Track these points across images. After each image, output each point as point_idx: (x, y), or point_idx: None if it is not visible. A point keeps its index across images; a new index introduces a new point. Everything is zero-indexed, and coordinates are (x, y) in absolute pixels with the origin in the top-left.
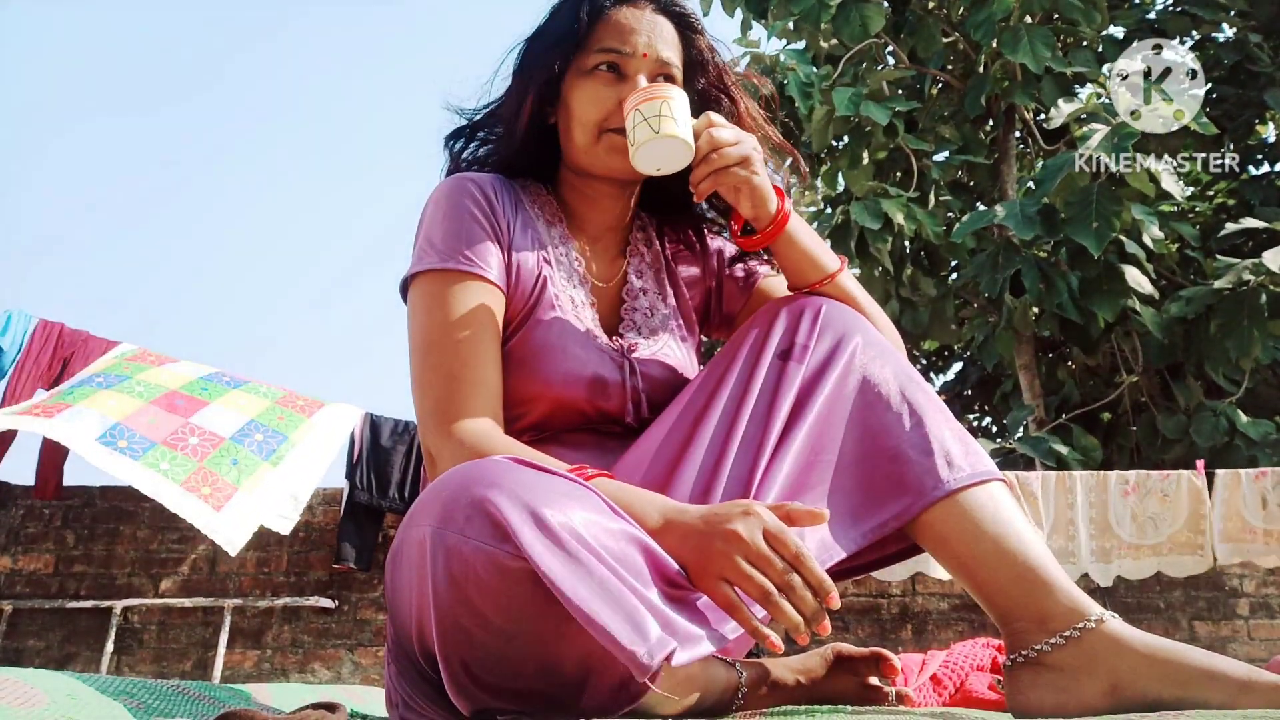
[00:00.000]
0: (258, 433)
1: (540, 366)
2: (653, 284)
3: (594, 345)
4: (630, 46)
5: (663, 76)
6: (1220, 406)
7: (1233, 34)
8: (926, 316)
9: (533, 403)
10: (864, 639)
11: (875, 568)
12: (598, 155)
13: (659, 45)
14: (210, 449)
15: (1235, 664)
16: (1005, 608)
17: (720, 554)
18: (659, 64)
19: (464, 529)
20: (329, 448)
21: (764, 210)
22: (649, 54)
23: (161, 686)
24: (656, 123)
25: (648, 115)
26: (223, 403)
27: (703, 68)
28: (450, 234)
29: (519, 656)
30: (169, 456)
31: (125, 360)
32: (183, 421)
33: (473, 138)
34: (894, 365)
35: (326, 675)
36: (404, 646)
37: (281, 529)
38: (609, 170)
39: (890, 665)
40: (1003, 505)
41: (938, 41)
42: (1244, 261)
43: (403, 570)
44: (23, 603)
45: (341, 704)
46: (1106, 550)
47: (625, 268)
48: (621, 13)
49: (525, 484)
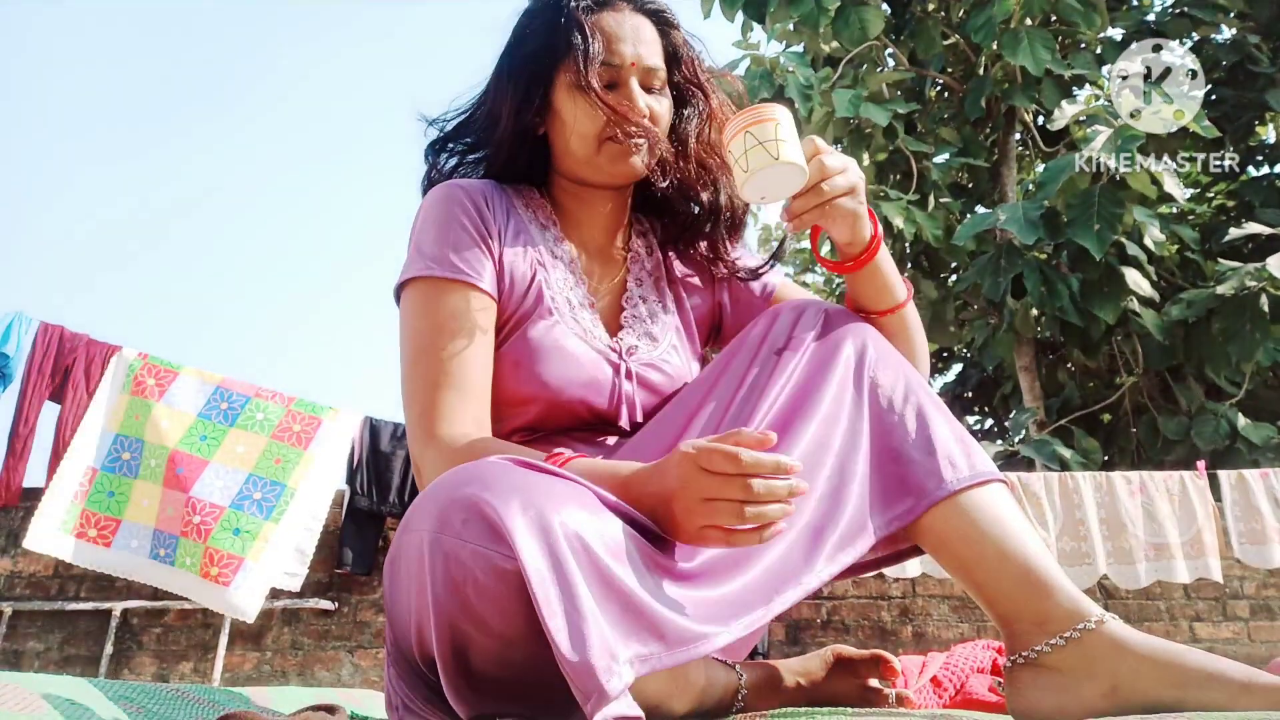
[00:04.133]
0: (256, 490)
1: (535, 367)
2: (653, 290)
3: (592, 346)
4: (618, 57)
5: (654, 83)
6: (1221, 409)
7: (1232, 35)
8: (926, 319)
9: (527, 404)
10: (864, 641)
11: (874, 569)
12: (599, 165)
13: (644, 52)
14: (212, 524)
15: (1235, 665)
16: (1005, 609)
17: (683, 512)
18: (646, 72)
19: (461, 532)
20: (328, 480)
21: (860, 238)
22: (636, 63)
23: (161, 690)
24: (775, 148)
25: (762, 139)
26: (222, 455)
27: (679, 62)
28: (439, 241)
29: (517, 660)
30: (189, 549)
31: (129, 394)
32: (185, 498)
33: (454, 149)
34: (898, 368)
35: (326, 678)
36: (403, 651)
37: (291, 587)
38: (611, 178)
39: (890, 667)
40: (1004, 507)
41: (937, 44)
42: (1247, 266)
43: (401, 576)
44: (22, 605)
45: (341, 706)
46: (1126, 551)
47: (625, 273)
48: (603, 20)
49: (519, 484)
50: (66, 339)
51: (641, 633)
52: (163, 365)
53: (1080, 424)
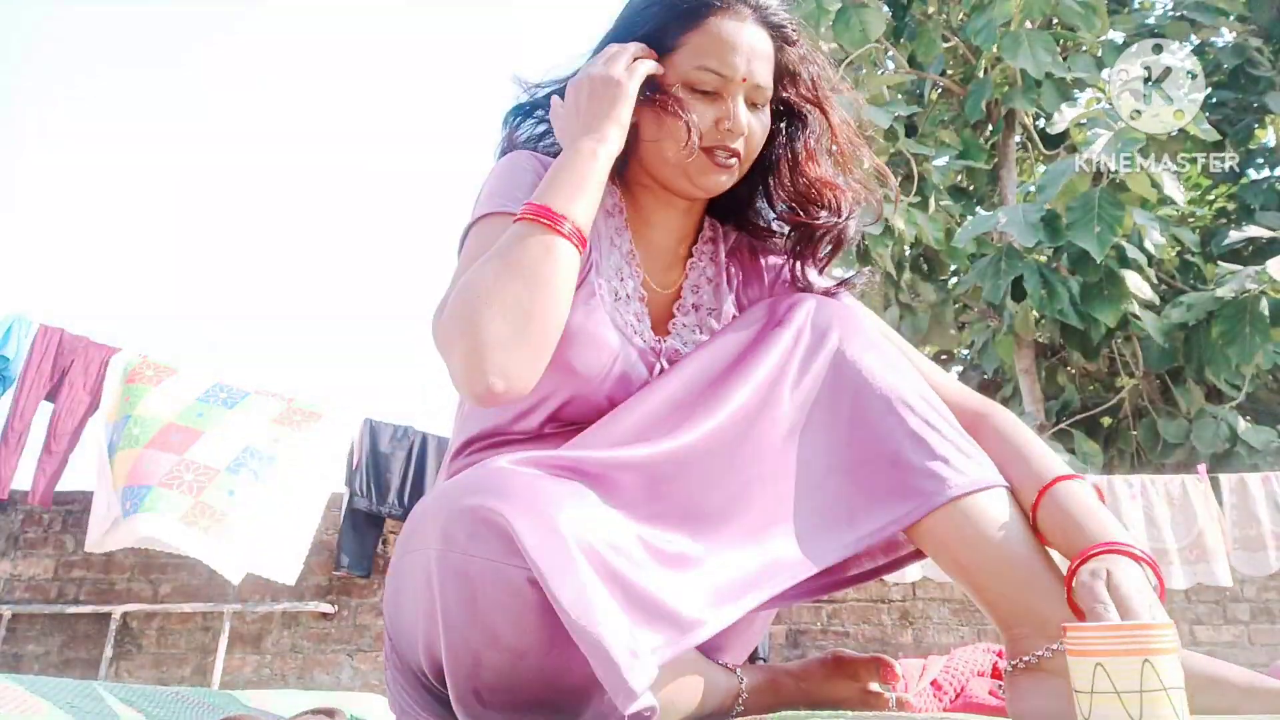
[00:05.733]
0: (253, 460)
1: (567, 351)
2: (709, 299)
3: (631, 342)
4: (729, 69)
5: (758, 100)
6: (1221, 412)
7: (1232, 38)
8: (926, 322)
9: (552, 390)
10: (864, 644)
11: (877, 574)
12: (685, 171)
13: (756, 68)
14: (206, 482)
15: (1236, 669)
16: (1006, 613)
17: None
18: (755, 90)
19: (467, 547)
20: (324, 475)
21: None
22: (748, 79)
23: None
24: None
25: (1121, 688)
26: (218, 430)
27: (792, 78)
28: (499, 191)
29: (528, 673)
30: (164, 496)
31: (125, 382)
32: (177, 459)
33: (540, 118)
34: (896, 369)
35: (326, 681)
36: (405, 660)
37: (287, 580)
38: (693, 189)
39: (890, 670)
40: (1004, 511)
41: (937, 46)
42: (1247, 269)
43: (406, 594)
44: (22, 608)
45: (341, 710)
46: None
47: (683, 278)
48: (724, 25)
49: (519, 489)
50: (66, 341)
51: (654, 623)
52: (162, 364)
53: (1080, 427)
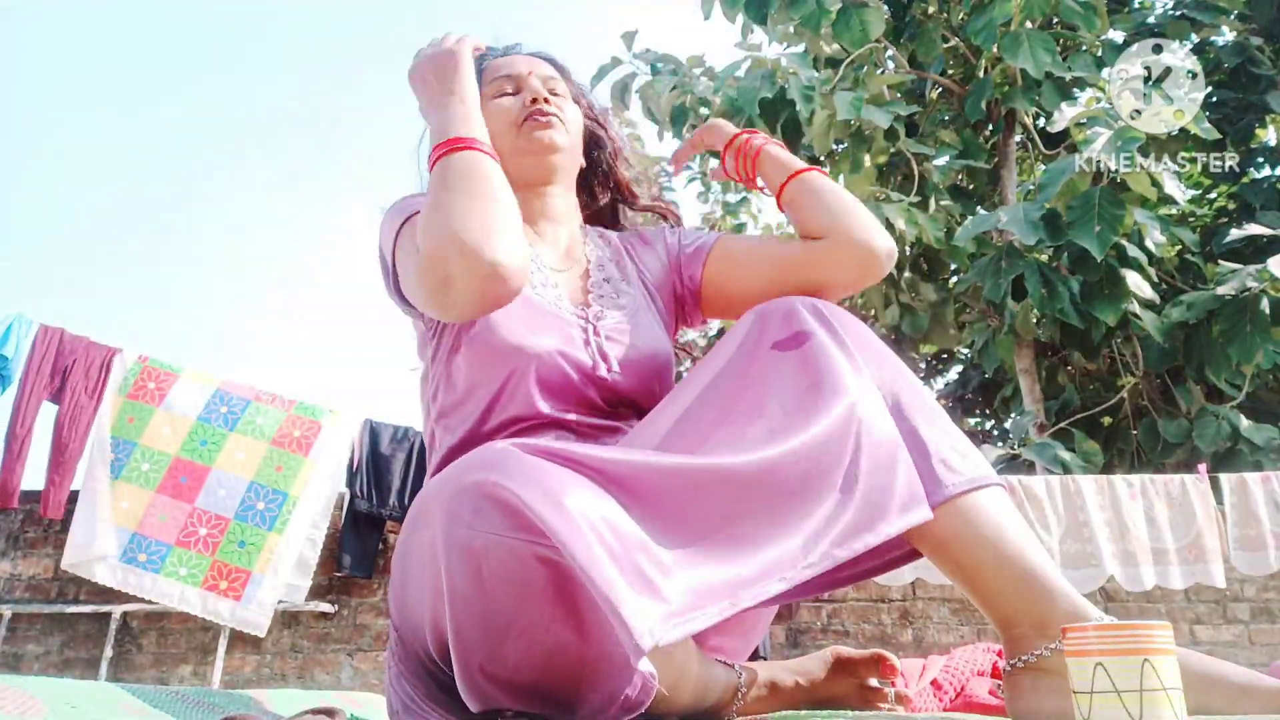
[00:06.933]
0: (258, 500)
1: (512, 326)
2: (615, 271)
3: (561, 313)
4: (514, 69)
5: (556, 89)
6: (1222, 411)
7: (1233, 37)
8: (926, 321)
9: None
10: (864, 643)
11: (874, 574)
12: (523, 147)
13: (538, 68)
14: (219, 536)
15: (1236, 669)
16: (1005, 613)
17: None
18: (546, 80)
19: (472, 522)
20: (329, 488)
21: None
22: (533, 71)
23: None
24: (1137, 706)
25: (1121, 687)
26: (223, 461)
27: (584, 100)
28: (404, 207)
29: (536, 648)
30: (185, 559)
31: (125, 396)
32: (189, 510)
33: None
34: (890, 368)
35: (326, 680)
36: (411, 647)
37: (296, 599)
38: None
39: (890, 666)
40: (1002, 510)
41: (938, 46)
42: (1247, 268)
43: (413, 572)
44: (22, 607)
45: (341, 709)
46: (1130, 553)
47: (586, 262)
48: (502, 60)
49: (524, 468)
50: (66, 341)
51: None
52: (163, 368)
53: (1081, 426)
